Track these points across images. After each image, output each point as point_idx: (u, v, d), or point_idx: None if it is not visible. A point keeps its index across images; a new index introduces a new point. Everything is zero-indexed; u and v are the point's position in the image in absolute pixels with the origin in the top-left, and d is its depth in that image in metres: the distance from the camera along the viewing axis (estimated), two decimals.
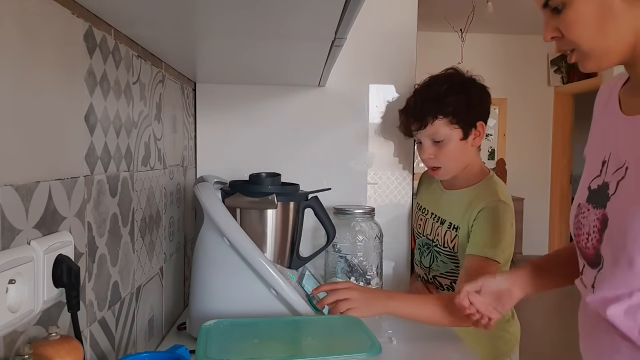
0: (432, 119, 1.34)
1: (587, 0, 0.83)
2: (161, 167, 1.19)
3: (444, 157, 1.37)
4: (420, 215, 1.52)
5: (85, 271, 0.78)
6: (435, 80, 1.39)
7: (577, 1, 0.83)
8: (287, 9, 0.75)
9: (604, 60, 0.86)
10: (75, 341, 0.64)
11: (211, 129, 1.56)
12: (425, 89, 1.40)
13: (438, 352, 1.12)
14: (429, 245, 1.46)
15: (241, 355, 0.86)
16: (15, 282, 0.57)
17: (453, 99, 1.33)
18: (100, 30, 0.82)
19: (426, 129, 1.36)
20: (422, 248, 1.50)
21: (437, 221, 1.43)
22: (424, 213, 1.50)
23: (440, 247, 1.41)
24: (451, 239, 1.38)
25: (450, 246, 1.38)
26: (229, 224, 1.09)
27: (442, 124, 1.34)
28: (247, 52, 1.06)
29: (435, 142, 1.37)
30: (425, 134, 1.37)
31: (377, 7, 1.51)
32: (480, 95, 1.39)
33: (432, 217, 1.46)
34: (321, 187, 1.27)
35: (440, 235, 1.41)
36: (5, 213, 0.57)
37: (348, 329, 0.98)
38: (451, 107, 1.33)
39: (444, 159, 1.38)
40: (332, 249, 1.41)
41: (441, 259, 1.42)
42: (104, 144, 0.85)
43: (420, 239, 1.50)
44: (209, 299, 1.13)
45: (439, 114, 1.33)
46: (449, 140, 1.35)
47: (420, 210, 1.52)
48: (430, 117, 1.34)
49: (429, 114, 1.34)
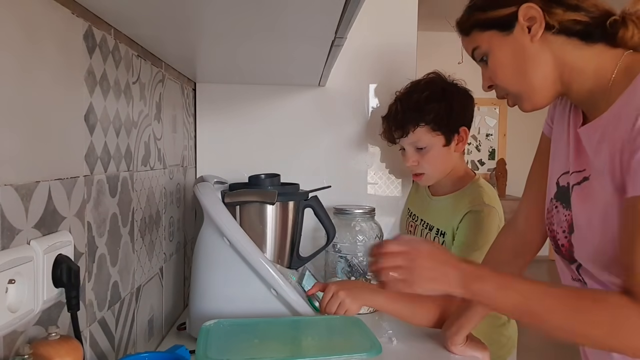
0: (413, 127, 1.35)
1: (503, 48, 0.88)
2: (161, 167, 1.19)
3: (427, 164, 1.38)
4: (410, 221, 1.52)
5: (85, 271, 0.78)
6: (417, 87, 1.39)
7: (495, 50, 0.89)
8: (287, 9, 0.75)
9: (534, 100, 0.90)
10: (75, 341, 0.64)
11: (211, 128, 1.56)
12: (406, 96, 1.40)
13: (438, 352, 1.12)
14: None
15: (241, 355, 0.86)
16: (15, 282, 0.57)
17: (434, 107, 1.33)
18: (100, 30, 0.82)
19: (408, 136, 1.37)
20: None
21: (425, 227, 1.44)
22: (414, 219, 1.51)
23: None
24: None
25: None
26: (229, 223, 1.09)
27: (423, 132, 1.35)
28: (248, 52, 1.06)
29: (418, 149, 1.38)
30: (407, 142, 1.38)
31: (377, 7, 1.50)
32: (463, 101, 1.39)
33: (421, 224, 1.46)
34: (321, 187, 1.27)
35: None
36: (5, 213, 0.57)
37: (348, 329, 0.98)
38: (432, 115, 1.33)
39: (427, 166, 1.39)
40: (332, 249, 1.41)
41: None
42: (104, 144, 0.85)
43: None
44: (209, 299, 1.13)
45: (420, 122, 1.34)
46: (432, 147, 1.36)
47: (411, 216, 1.53)
48: (412, 126, 1.35)
49: (410, 123, 1.35)
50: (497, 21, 0.87)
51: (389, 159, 1.60)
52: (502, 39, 0.88)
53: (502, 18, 0.87)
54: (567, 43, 0.85)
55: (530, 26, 0.85)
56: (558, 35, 0.84)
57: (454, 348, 1.10)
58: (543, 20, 0.84)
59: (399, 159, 1.60)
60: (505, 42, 0.88)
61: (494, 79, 0.92)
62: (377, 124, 1.58)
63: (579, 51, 0.85)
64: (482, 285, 0.81)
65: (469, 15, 0.93)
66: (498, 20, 0.87)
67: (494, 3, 0.88)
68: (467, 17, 0.94)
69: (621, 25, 0.83)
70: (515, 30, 0.86)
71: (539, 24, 0.84)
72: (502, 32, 0.87)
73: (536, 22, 0.84)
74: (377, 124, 1.58)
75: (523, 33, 0.85)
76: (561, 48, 0.85)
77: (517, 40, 0.86)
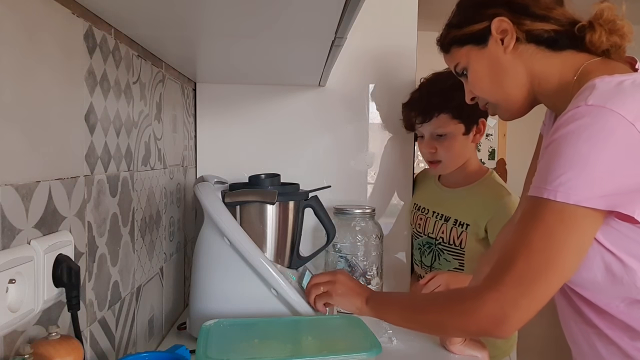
0: (437, 113, 1.38)
1: (479, 61, 0.94)
2: (161, 167, 1.19)
3: (445, 152, 1.40)
4: (419, 214, 1.52)
5: (86, 271, 0.78)
6: (440, 76, 1.42)
7: (472, 63, 0.95)
8: (287, 9, 0.75)
9: (513, 109, 0.96)
10: (75, 341, 0.64)
11: (211, 128, 1.56)
12: (430, 83, 1.43)
13: (438, 351, 1.12)
14: (431, 244, 1.46)
15: (241, 355, 0.86)
16: (16, 282, 0.57)
17: (458, 94, 1.33)
18: (101, 30, 0.82)
19: (430, 122, 1.39)
20: (422, 247, 1.50)
21: (440, 219, 1.44)
22: (423, 212, 1.50)
23: (445, 244, 1.42)
24: (457, 236, 1.39)
25: (457, 243, 1.39)
26: (229, 223, 1.09)
27: (446, 118, 1.38)
28: (247, 52, 1.06)
29: (437, 136, 1.40)
30: (428, 128, 1.40)
31: (377, 7, 1.51)
32: None
33: (433, 216, 1.46)
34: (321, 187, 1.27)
35: (446, 232, 1.42)
36: (6, 213, 0.57)
37: (348, 328, 0.98)
38: (456, 102, 1.34)
39: (444, 154, 1.41)
40: (333, 249, 1.41)
41: (444, 257, 1.42)
42: (104, 144, 0.85)
43: (421, 239, 1.50)
44: (209, 298, 1.13)
45: (443, 109, 1.37)
46: (451, 135, 1.39)
47: (419, 209, 1.52)
48: (436, 111, 1.38)
49: (434, 108, 1.38)
50: (472, 36, 0.93)
51: (389, 159, 1.60)
52: (478, 52, 0.93)
53: (476, 33, 0.93)
54: (537, 52, 0.89)
55: (502, 38, 0.90)
56: (528, 45, 0.89)
57: (453, 347, 1.10)
58: (514, 31, 0.89)
59: (399, 159, 1.60)
60: (481, 56, 0.93)
61: (473, 90, 0.98)
62: (377, 124, 1.59)
63: (546, 59, 0.89)
64: (373, 305, 1.00)
65: (447, 33, 0.99)
66: (473, 35, 0.93)
67: (468, 19, 0.94)
68: (445, 34, 1.00)
69: (589, 29, 0.86)
70: (489, 43, 0.92)
71: (510, 35, 0.89)
72: (478, 46, 0.93)
73: (508, 33, 0.89)
74: (377, 124, 1.59)
75: (497, 45, 0.91)
76: (531, 57, 0.90)
77: (492, 52, 0.92)
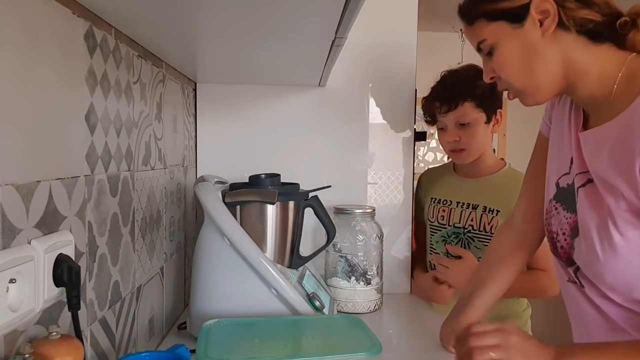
0: (462, 101, 1.42)
1: (511, 42, 0.85)
2: (162, 167, 1.19)
3: (469, 140, 1.45)
4: (440, 207, 1.54)
5: (86, 270, 0.78)
6: (461, 68, 1.48)
7: (503, 43, 0.86)
8: (287, 9, 0.75)
9: (538, 96, 0.89)
10: (75, 340, 0.64)
11: (211, 128, 1.56)
12: (453, 74, 1.49)
13: (438, 351, 1.12)
14: (459, 233, 1.48)
15: (241, 354, 0.86)
16: (16, 282, 0.57)
17: (481, 83, 1.36)
18: (101, 30, 0.82)
19: (455, 110, 1.43)
20: (448, 238, 1.51)
21: (467, 207, 1.47)
22: (445, 204, 1.53)
23: (476, 231, 1.45)
24: (489, 222, 1.43)
25: (488, 229, 1.43)
26: (229, 223, 1.09)
27: (470, 107, 1.43)
28: (247, 52, 1.06)
29: (460, 126, 1.44)
30: (452, 117, 1.45)
31: (377, 7, 1.51)
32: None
33: (458, 206, 1.49)
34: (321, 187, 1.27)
35: (476, 220, 1.45)
36: (6, 212, 0.57)
37: (348, 328, 0.98)
38: (480, 91, 1.41)
39: (468, 142, 1.45)
40: (333, 249, 1.41)
41: (475, 245, 1.45)
42: (105, 144, 0.85)
43: (445, 230, 1.52)
44: (210, 298, 1.13)
45: (468, 97, 1.42)
46: (475, 123, 1.44)
47: (440, 202, 1.54)
48: (461, 99, 1.42)
49: (459, 97, 1.42)
50: (508, 12, 0.84)
51: (389, 159, 1.60)
52: (512, 31, 0.85)
53: (513, 9, 0.84)
54: (576, 40, 0.82)
55: (542, 20, 0.82)
56: (569, 32, 0.82)
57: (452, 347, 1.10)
58: (557, 14, 0.81)
59: (399, 159, 1.60)
60: (514, 36, 0.85)
61: (499, 72, 0.89)
62: (377, 124, 1.59)
63: (585, 50, 0.83)
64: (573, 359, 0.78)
65: (477, 3, 0.89)
66: (509, 11, 0.84)
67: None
68: (473, 4, 0.90)
69: (632, 27, 0.81)
70: (526, 24, 0.83)
71: (552, 18, 0.81)
72: (512, 24, 0.84)
73: (549, 15, 0.81)
74: (377, 124, 1.59)
75: (534, 27, 0.83)
76: (570, 46, 0.82)
77: (527, 34, 0.83)
